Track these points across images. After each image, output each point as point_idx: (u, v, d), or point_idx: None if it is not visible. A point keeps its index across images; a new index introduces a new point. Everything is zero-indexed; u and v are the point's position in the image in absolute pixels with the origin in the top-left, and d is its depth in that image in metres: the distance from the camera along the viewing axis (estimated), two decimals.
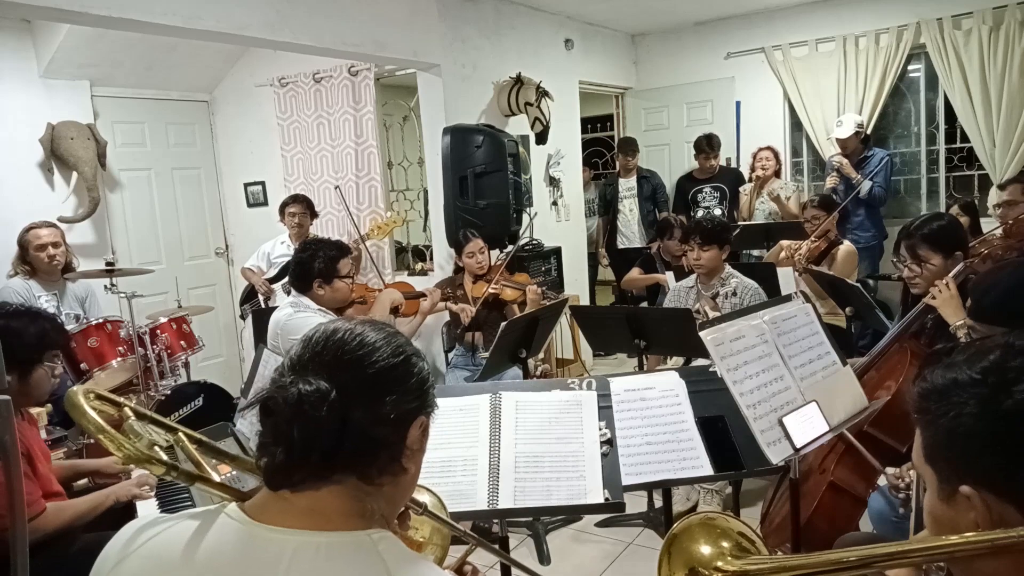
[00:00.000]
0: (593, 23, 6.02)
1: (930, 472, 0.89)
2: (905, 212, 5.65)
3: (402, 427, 0.98)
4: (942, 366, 0.88)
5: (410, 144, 5.60)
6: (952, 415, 0.84)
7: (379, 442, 0.95)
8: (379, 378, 0.97)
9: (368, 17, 4.08)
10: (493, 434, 1.76)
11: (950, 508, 0.86)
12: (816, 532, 2.15)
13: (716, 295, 3.42)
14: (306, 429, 0.90)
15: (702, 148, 5.72)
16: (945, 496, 0.86)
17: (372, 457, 0.95)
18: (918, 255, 2.46)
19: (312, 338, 0.99)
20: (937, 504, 0.88)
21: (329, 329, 1.01)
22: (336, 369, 0.95)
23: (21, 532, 1.39)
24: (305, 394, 0.90)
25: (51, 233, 3.88)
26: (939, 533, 0.89)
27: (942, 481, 0.87)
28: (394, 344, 1.01)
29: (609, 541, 3.17)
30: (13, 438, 1.38)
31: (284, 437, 0.91)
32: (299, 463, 0.91)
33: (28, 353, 2.15)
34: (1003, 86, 5.08)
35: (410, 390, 1.00)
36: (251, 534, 0.90)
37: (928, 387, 0.89)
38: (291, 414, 0.90)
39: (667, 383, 2.03)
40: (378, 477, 0.96)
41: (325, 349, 0.97)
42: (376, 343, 0.99)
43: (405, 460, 0.99)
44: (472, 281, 4.04)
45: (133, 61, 5.01)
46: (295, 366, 0.97)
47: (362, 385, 0.95)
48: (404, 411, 0.98)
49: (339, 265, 3.11)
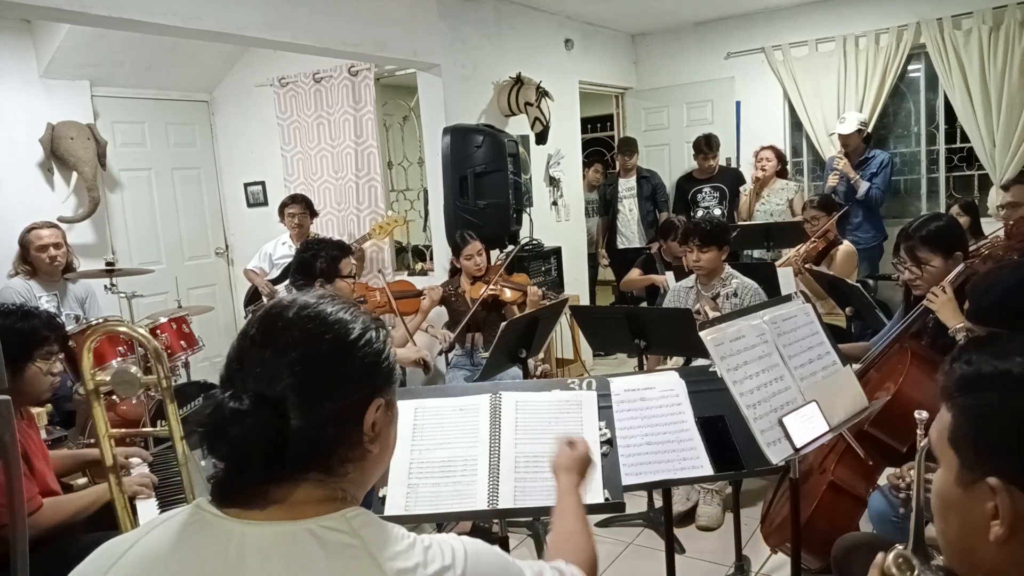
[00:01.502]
0: (593, 23, 6.02)
1: (952, 456, 0.86)
2: (905, 212, 5.65)
3: (354, 418, 0.92)
4: (993, 353, 0.85)
5: (410, 144, 5.60)
6: (992, 407, 0.82)
7: (329, 441, 0.91)
8: (320, 375, 0.90)
9: (368, 17, 4.08)
10: (493, 434, 1.76)
11: (966, 494, 0.84)
12: (816, 532, 2.15)
13: (717, 295, 3.42)
14: (241, 447, 0.86)
15: (701, 148, 5.72)
16: (964, 482, 0.84)
17: (326, 455, 0.91)
18: (918, 257, 2.45)
19: (247, 332, 0.93)
20: (952, 488, 0.86)
21: (269, 315, 0.94)
22: (268, 371, 0.89)
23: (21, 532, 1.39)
24: (234, 412, 0.86)
25: (52, 234, 3.88)
26: (948, 516, 0.88)
27: (964, 467, 0.84)
28: (339, 324, 0.94)
29: (609, 541, 3.16)
30: (13, 438, 1.38)
31: (221, 455, 0.89)
32: (241, 480, 0.88)
33: (18, 351, 2.13)
34: (1003, 86, 5.08)
35: (358, 377, 0.93)
36: (227, 530, 0.87)
37: (972, 373, 0.86)
38: (223, 432, 0.87)
39: (667, 383, 2.03)
40: (340, 467, 0.92)
41: (257, 345, 0.91)
42: (318, 330, 0.92)
43: (368, 444, 0.94)
44: (470, 283, 4.04)
45: (133, 61, 5.02)
46: (230, 367, 0.92)
47: (298, 389, 0.88)
48: (351, 404, 0.92)
49: (341, 265, 3.12)
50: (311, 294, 0.98)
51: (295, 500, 0.89)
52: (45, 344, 2.22)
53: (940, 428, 0.89)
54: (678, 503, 3.21)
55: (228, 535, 0.87)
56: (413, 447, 1.76)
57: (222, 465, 0.90)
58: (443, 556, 0.90)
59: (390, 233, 4.89)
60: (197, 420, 0.91)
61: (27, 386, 2.19)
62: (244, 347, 0.92)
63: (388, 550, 0.86)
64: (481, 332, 3.96)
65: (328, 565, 0.84)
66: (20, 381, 2.15)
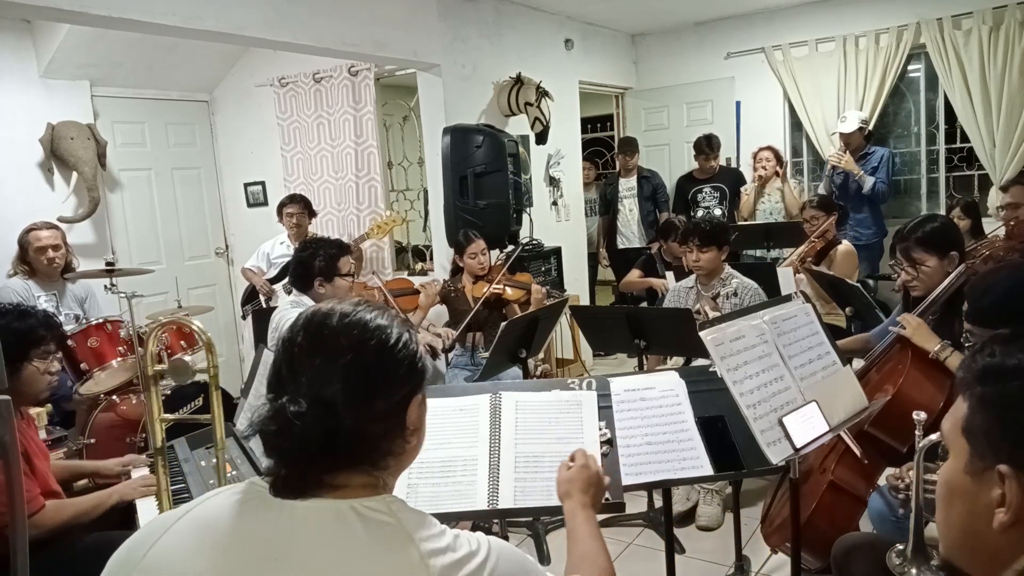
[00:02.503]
0: (593, 23, 6.02)
1: (963, 444, 0.88)
2: (905, 212, 5.66)
3: (400, 414, 1.01)
4: (1020, 347, 0.87)
5: (410, 144, 5.60)
6: (1012, 396, 0.84)
7: (377, 437, 0.99)
8: (369, 377, 0.98)
9: (368, 17, 4.08)
10: (493, 434, 1.76)
11: (975, 482, 0.85)
12: (816, 532, 2.15)
13: (717, 295, 3.42)
14: (301, 445, 0.94)
15: (702, 148, 5.72)
16: (973, 470, 0.86)
17: (374, 449, 0.99)
18: (912, 258, 2.46)
19: (294, 340, 1.00)
20: (960, 475, 0.87)
21: (313, 323, 1.01)
22: (320, 377, 0.96)
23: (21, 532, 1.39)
24: (294, 414, 0.94)
25: (52, 235, 3.88)
26: (953, 503, 0.89)
27: (975, 455, 0.86)
28: (380, 330, 1.01)
29: (609, 541, 3.13)
30: (13, 438, 1.38)
31: (282, 453, 0.96)
32: (300, 474, 0.96)
33: (15, 351, 2.13)
34: (1003, 86, 5.08)
35: (402, 377, 1.01)
36: (278, 504, 0.96)
37: (995, 364, 0.87)
38: (284, 434, 0.94)
39: (667, 383, 2.02)
40: (383, 460, 1.00)
41: (307, 353, 0.99)
42: (362, 336, 0.99)
43: (408, 437, 1.02)
44: (472, 282, 4.04)
45: (133, 61, 5.01)
46: (280, 373, 0.99)
47: (348, 391, 0.96)
48: (399, 400, 1.00)
49: (339, 263, 3.12)
50: (346, 303, 1.05)
51: (340, 484, 0.97)
52: (42, 343, 2.22)
53: (954, 418, 0.90)
54: (678, 503, 3.21)
55: (280, 507, 0.95)
56: None
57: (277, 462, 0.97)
58: (469, 544, 0.97)
59: (389, 232, 4.89)
60: (260, 423, 0.97)
61: (25, 386, 2.18)
62: (293, 354, 0.99)
63: (422, 531, 0.95)
64: (482, 332, 3.96)
65: (367, 537, 0.92)
66: (18, 381, 2.15)
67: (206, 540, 0.95)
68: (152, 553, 0.95)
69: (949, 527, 0.90)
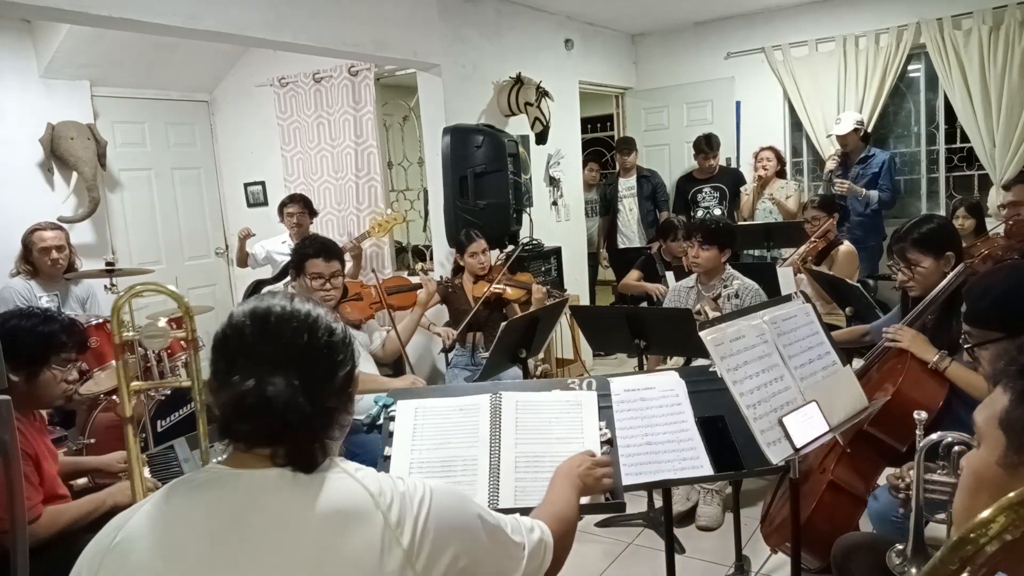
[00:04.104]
0: (593, 23, 6.02)
1: (999, 437, 0.88)
2: (905, 212, 5.65)
3: (347, 388, 1.12)
4: None
5: (410, 144, 5.60)
6: None
7: (334, 410, 1.08)
8: (318, 362, 1.06)
9: (368, 17, 4.08)
10: (493, 434, 1.76)
11: (1007, 475, 0.85)
12: (816, 532, 2.15)
13: (718, 296, 3.41)
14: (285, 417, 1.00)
15: (701, 148, 5.72)
16: (1008, 464, 0.86)
17: (331, 422, 1.08)
18: (908, 258, 2.47)
19: (243, 331, 1.06)
20: (992, 468, 0.87)
21: (264, 310, 1.07)
22: (276, 362, 1.02)
23: (21, 533, 1.39)
24: (272, 391, 1.00)
25: (56, 236, 3.88)
26: (980, 494, 0.89)
27: (1011, 449, 0.86)
28: (318, 318, 1.09)
29: (609, 541, 3.17)
30: (13, 438, 1.38)
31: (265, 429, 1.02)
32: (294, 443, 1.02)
33: (35, 354, 2.14)
34: (1003, 86, 5.08)
35: (343, 357, 1.11)
36: (236, 474, 1.03)
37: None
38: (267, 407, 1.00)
39: (667, 383, 2.02)
40: (338, 429, 1.10)
41: (258, 341, 1.05)
42: (306, 324, 1.07)
43: (351, 409, 1.14)
44: (472, 281, 4.04)
45: (133, 61, 5.02)
46: (235, 360, 1.03)
47: (306, 375, 1.03)
48: (344, 377, 1.10)
49: (306, 264, 3.07)
50: (274, 296, 1.12)
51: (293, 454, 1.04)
52: (62, 350, 2.22)
53: (991, 410, 0.90)
54: (678, 503, 3.21)
55: (236, 479, 1.02)
56: (413, 447, 1.76)
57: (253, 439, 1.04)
58: (406, 483, 1.07)
59: (389, 231, 4.89)
60: (233, 400, 1.01)
61: (40, 389, 2.18)
62: (245, 343, 1.05)
63: (363, 472, 1.06)
64: (482, 332, 3.96)
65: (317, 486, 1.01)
66: (34, 384, 2.16)
67: (171, 521, 1.00)
68: (122, 536, 1.02)
69: (971, 516, 0.89)
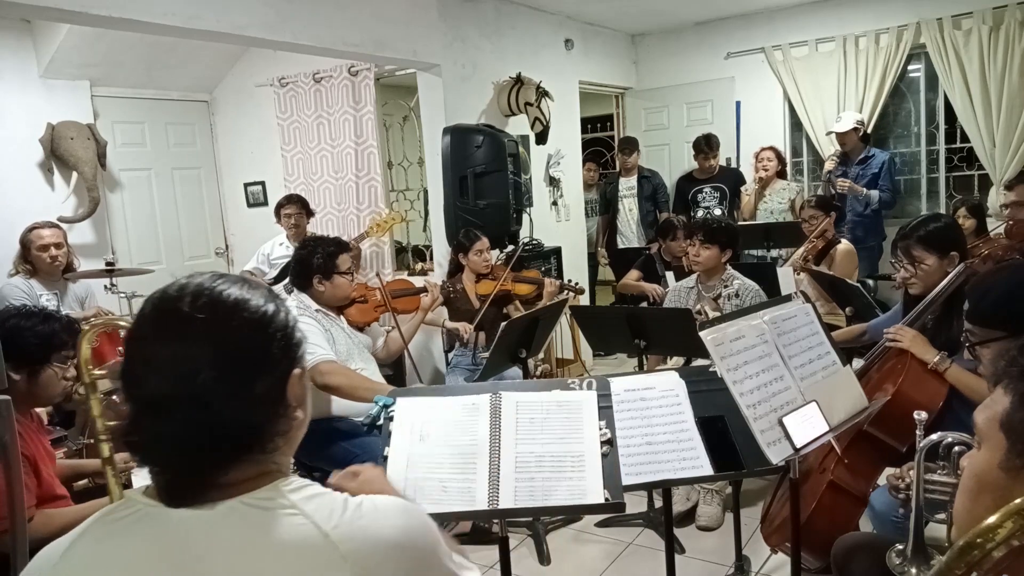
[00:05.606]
0: (593, 23, 6.02)
1: (1000, 439, 0.86)
2: (905, 212, 5.65)
3: (280, 393, 0.91)
4: None
5: (410, 144, 5.60)
6: None
7: (262, 421, 0.90)
8: (240, 359, 0.88)
9: (368, 17, 4.08)
10: (493, 434, 1.76)
11: (1008, 477, 0.85)
12: (816, 532, 2.15)
13: (719, 296, 3.41)
14: (179, 448, 0.85)
15: (701, 148, 5.72)
16: (1009, 466, 0.85)
17: (261, 434, 0.90)
18: (912, 256, 2.47)
19: (140, 332, 0.90)
20: (992, 469, 0.86)
21: (162, 307, 0.89)
22: (182, 367, 0.85)
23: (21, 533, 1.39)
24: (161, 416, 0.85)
25: (53, 234, 3.89)
26: (981, 496, 0.88)
27: (1012, 452, 0.85)
28: (243, 305, 0.90)
29: (609, 541, 3.17)
30: (13, 438, 1.38)
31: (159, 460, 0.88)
32: (187, 479, 0.87)
33: (35, 353, 2.15)
34: (1003, 86, 5.08)
35: (276, 354, 0.91)
36: (165, 517, 0.87)
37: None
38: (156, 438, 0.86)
39: (667, 383, 2.02)
40: (271, 443, 0.91)
41: (160, 342, 0.87)
42: (224, 314, 0.88)
43: (293, 414, 0.93)
44: (474, 280, 4.03)
45: (133, 61, 5.02)
46: (134, 371, 0.88)
47: (220, 379, 0.85)
48: (275, 381, 0.91)
49: (338, 261, 3.10)
50: (204, 275, 0.93)
51: (231, 481, 0.88)
52: (63, 348, 2.22)
53: (991, 411, 0.89)
54: (678, 503, 3.21)
55: (166, 522, 0.87)
56: (413, 447, 1.76)
57: (157, 470, 0.88)
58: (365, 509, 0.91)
59: (388, 231, 4.89)
60: (124, 430, 0.87)
61: (41, 388, 2.19)
62: (144, 347, 0.88)
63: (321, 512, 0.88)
64: (484, 331, 3.95)
65: (269, 532, 0.85)
66: (35, 383, 2.16)
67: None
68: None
69: (972, 518, 0.88)
